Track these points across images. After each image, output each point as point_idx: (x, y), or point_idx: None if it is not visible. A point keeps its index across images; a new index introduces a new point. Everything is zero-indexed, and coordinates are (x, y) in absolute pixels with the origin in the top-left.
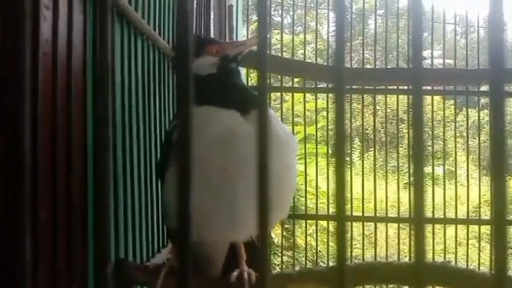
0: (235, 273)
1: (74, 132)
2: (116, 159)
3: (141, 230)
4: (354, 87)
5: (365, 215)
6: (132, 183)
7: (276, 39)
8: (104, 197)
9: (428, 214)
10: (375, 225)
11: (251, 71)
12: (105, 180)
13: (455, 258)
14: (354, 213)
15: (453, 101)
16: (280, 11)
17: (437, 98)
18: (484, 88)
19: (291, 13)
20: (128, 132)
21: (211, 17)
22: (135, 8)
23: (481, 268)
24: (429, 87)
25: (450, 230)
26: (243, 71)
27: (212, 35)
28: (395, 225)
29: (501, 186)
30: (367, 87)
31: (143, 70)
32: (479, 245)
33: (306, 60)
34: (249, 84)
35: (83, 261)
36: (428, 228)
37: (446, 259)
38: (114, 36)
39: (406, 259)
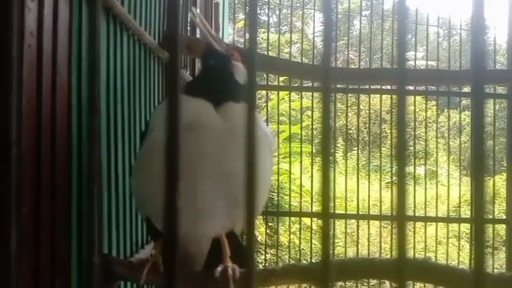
0: (219, 268)
1: (58, 125)
2: (101, 154)
3: (125, 225)
4: (338, 86)
5: (347, 213)
6: (116, 178)
7: (262, 38)
8: (92, 188)
9: (410, 212)
10: (357, 223)
11: None
12: (94, 171)
13: (435, 256)
14: (337, 211)
15: (435, 102)
16: (266, 10)
17: (419, 98)
18: (466, 89)
19: (277, 12)
20: (113, 127)
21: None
22: (121, 2)
23: (460, 266)
24: (412, 88)
25: (430, 228)
26: None
27: (198, 33)
28: (377, 223)
29: (481, 185)
30: (350, 86)
31: (129, 65)
32: (459, 243)
33: (292, 60)
34: None
35: (66, 255)
36: (409, 226)
37: (427, 257)
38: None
39: (388, 257)
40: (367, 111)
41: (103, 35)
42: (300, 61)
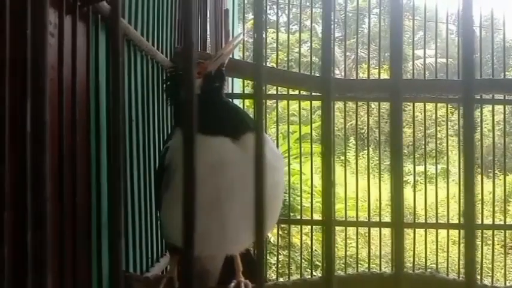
0: (232, 284)
1: (79, 150)
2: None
3: (141, 240)
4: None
5: (359, 216)
6: (132, 194)
7: (272, 38)
8: (117, 211)
9: (421, 215)
10: (369, 228)
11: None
12: (119, 201)
13: (447, 262)
14: (348, 212)
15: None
16: (275, 10)
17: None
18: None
19: (287, 12)
20: (128, 145)
21: (208, 22)
22: (134, 27)
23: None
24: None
25: (443, 230)
26: (238, 82)
27: (208, 40)
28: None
29: (470, 192)
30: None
31: (143, 84)
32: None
33: (302, 59)
34: (245, 92)
35: (87, 273)
36: (420, 231)
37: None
38: None
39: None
40: (378, 110)
41: None
42: (309, 67)
